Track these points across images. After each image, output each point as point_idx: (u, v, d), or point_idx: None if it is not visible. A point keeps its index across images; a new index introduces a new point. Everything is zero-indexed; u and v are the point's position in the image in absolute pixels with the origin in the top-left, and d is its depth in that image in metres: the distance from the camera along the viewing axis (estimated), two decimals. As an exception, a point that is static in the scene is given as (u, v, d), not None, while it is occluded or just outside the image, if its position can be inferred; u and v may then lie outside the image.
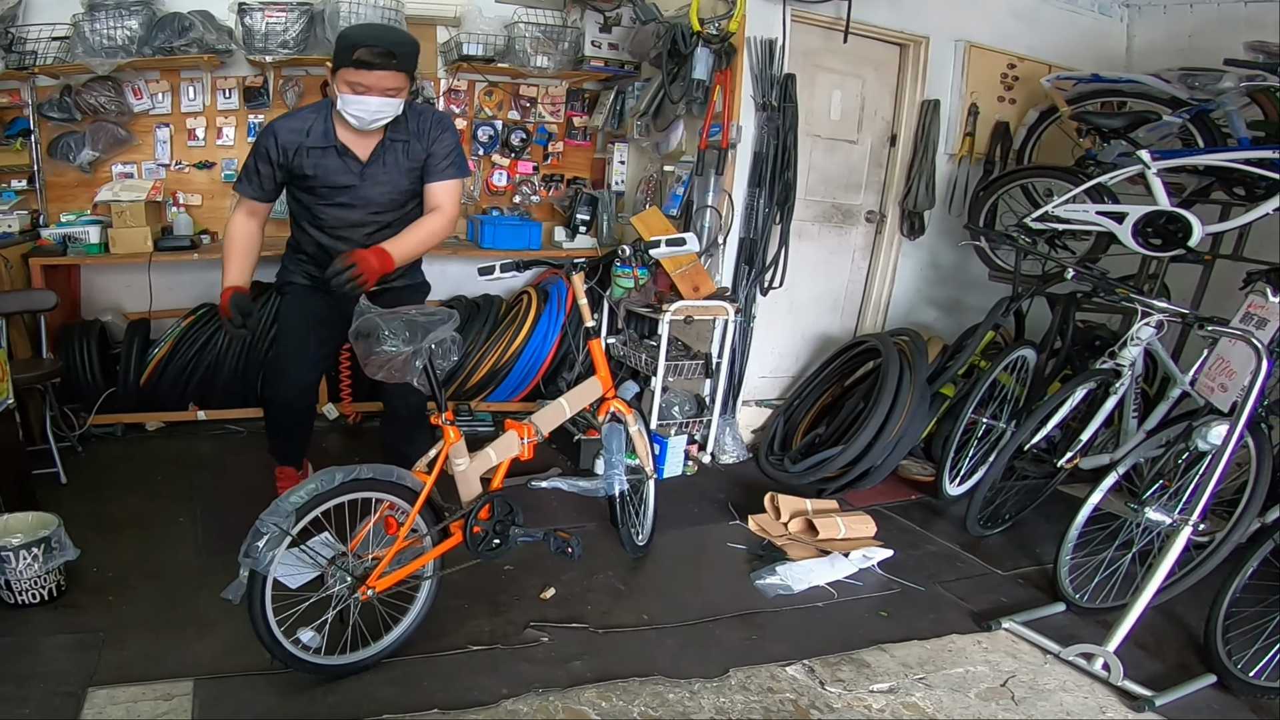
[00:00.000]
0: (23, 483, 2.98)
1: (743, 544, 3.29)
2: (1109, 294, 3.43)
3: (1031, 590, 3.07)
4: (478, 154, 4.84)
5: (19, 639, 2.36)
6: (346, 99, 2.55)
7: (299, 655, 2.17)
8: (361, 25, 2.93)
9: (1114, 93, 3.86)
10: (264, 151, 2.67)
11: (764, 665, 2.47)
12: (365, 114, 2.58)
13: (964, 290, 4.71)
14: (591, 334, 2.86)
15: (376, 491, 2.25)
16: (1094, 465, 3.42)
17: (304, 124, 2.67)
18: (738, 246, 4.09)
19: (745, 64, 3.85)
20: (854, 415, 3.80)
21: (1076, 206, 3.64)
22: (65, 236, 3.83)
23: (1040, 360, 3.83)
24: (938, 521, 3.67)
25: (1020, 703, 2.36)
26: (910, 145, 4.37)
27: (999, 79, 4.44)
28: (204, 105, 4.30)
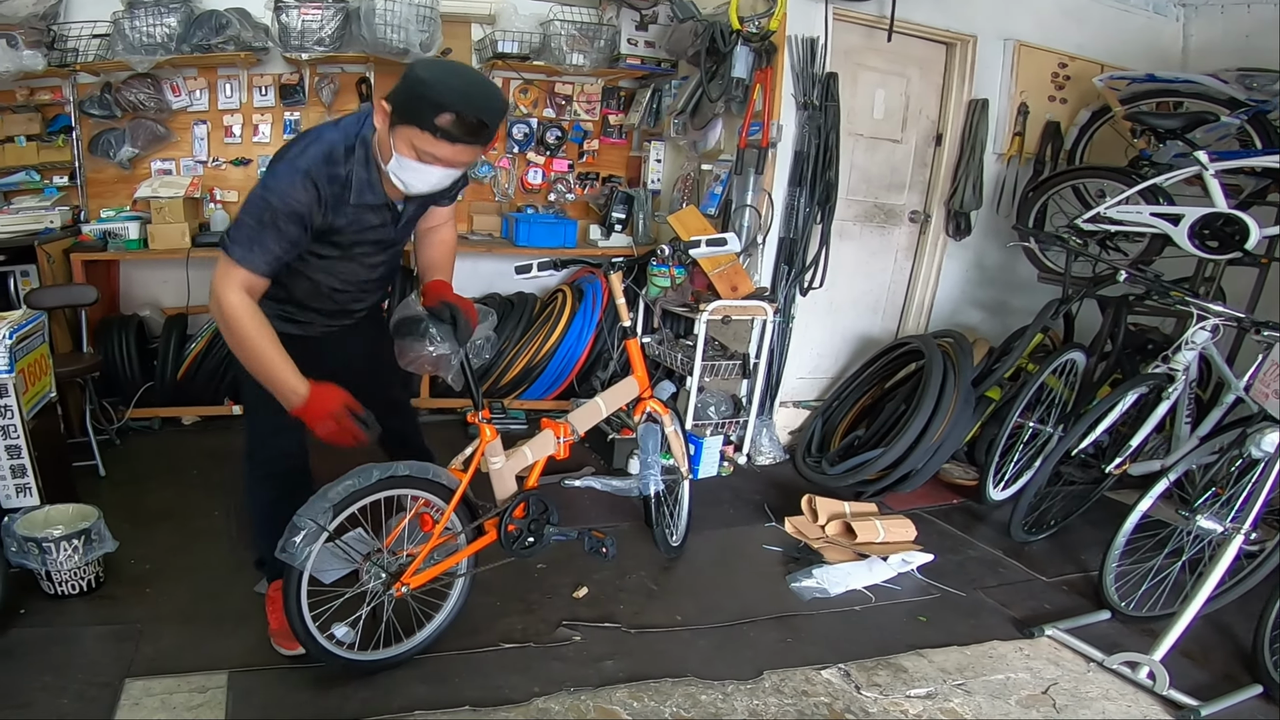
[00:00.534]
0: (63, 475, 3.08)
1: (778, 546, 3.30)
2: (1163, 297, 3.39)
3: (1075, 597, 3.04)
4: (512, 151, 4.91)
5: (58, 629, 2.44)
6: (405, 164, 1.98)
7: (333, 650, 2.22)
8: (448, 73, 1.95)
9: (1170, 93, 3.82)
10: (296, 210, 1.98)
11: (799, 668, 2.48)
12: (421, 185, 2.05)
13: (1011, 292, 4.66)
14: (629, 333, 2.88)
15: (413, 489, 2.29)
16: (1144, 471, 3.38)
17: (339, 170, 2.03)
18: (777, 246, 4.09)
19: (786, 62, 3.86)
20: (895, 417, 3.79)
21: (1130, 208, 3.60)
22: (105, 232, 3.98)
23: (1090, 364, 3.80)
24: (980, 526, 3.65)
25: (1062, 710, 2.35)
26: (957, 145, 4.35)
27: (1049, 78, 4.42)
28: (240, 102, 4.41)
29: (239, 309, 1.96)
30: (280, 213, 1.94)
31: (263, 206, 1.95)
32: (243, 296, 1.97)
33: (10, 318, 2.75)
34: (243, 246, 1.95)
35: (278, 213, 1.94)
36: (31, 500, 2.71)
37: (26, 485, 2.71)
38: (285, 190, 1.95)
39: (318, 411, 2.02)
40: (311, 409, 2.02)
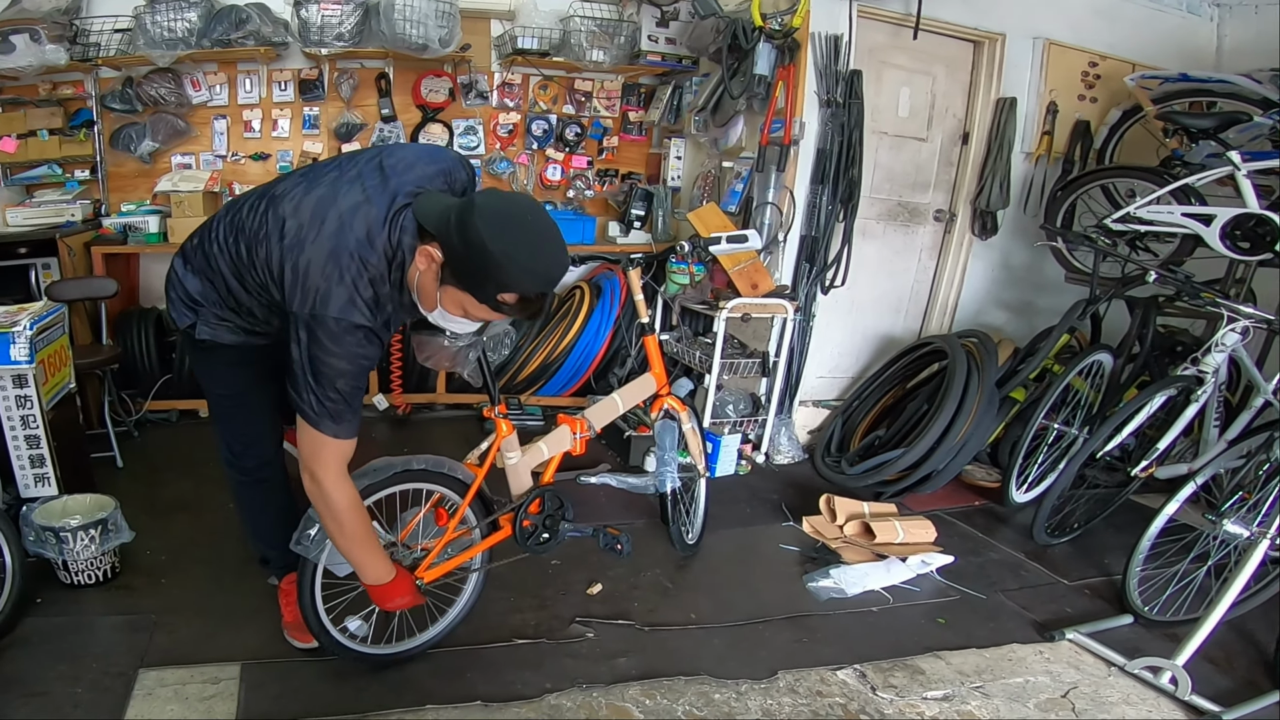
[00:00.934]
0: (82, 466, 3.14)
1: (795, 545, 3.30)
2: (1193, 298, 3.36)
3: (1098, 601, 3.01)
4: (531, 148, 4.94)
5: (74, 619, 2.48)
6: (448, 317, 1.95)
7: (346, 643, 2.25)
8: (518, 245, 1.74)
9: (1203, 93, 3.79)
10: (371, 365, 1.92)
11: (813, 668, 2.48)
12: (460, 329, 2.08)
13: (1037, 292, 4.64)
14: (647, 330, 2.89)
15: (428, 483, 2.31)
16: (1170, 475, 3.34)
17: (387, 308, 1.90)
18: (798, 244, 4.09)
19: (809, 60, 3.86)
20: (917, 418, 3.79)
21: (1161, 208, 3.58)
22: (126, 225, 4.06)
23: (1117, 365, 3.77)
24: (1002, 529, 3.63)
25: (1081, 715, 2.33)
26: (984, 144, 4.33)
27: (1079, 77, 4.40)
28: (260, 97, 4.47)
29: (350, 502, 1.96)
30: (354, 375, 1.86)
31: (340, 373, 1.83)
32: (349, 485, 1.96)
33: (31, 309, 2.80)
34: (336, 420, 1.86)
35: (352, 376, 1.86)
36: (50, 490, 2.76)
37: (45, 475, 2.76)
38: (357, 354, 1.84)
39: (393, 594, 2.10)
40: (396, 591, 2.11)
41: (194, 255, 2.09)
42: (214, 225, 2.06)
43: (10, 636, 2.33)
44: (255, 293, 1.99)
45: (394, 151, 2.00)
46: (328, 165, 2.00)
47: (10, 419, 2.68)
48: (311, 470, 1.90)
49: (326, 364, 1.81)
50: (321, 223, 1.82)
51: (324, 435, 1.86)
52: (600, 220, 4.90)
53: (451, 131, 4.71)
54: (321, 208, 1.84)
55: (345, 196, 1.86)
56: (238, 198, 2.10)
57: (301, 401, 1.85)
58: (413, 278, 1.90)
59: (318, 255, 1.79)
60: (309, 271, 1.79)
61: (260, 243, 1.89)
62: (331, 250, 1.79)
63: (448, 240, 1.80)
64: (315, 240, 1.80)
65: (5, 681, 2.12)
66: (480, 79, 4.68)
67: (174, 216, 4.01)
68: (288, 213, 1.87)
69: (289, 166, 4.50)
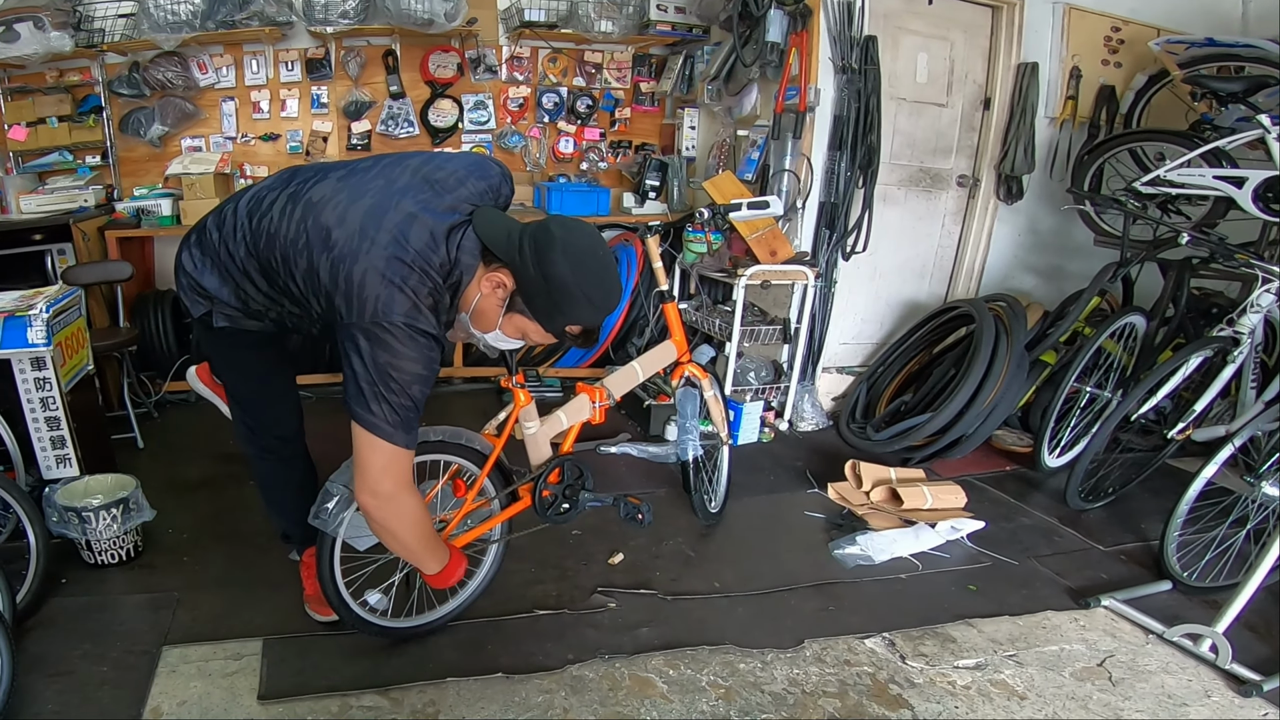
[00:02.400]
0: (102, 446, 3.19)
1: (821, 513, 3.28)
2: (1227, 260, 3.35)
3: (1134, 567, 2.98)
4: (542, 121, 4.93)
5: (98, 598, 2.52)
6: (502, 339, 1.98)
7: (366, 617, 2.27)
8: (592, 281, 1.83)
9: (1230, 57, 3.78)
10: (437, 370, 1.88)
11: (841, 637, 2.46)
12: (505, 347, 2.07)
13: (1066, 256, 4.60)
14: (666, 297, 2.88)
15: (445, 454, 2.31)
16: (1207, 437, 3.31)
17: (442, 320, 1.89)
18: (817, 211, 4.07)
19: (822, 25, 3.83)
20: (944, 382, 3.76)
21: (1192, 171, 3.59)
22: (138, 209, 4.10)
23: (1150, 328, 3.74)
24: (1034, 494, 3.59)
25: (1118, 684, 2.30)
26: (1006, 109, 4.30)
27: (1102, 42, 4.37)
28: (267, 78, 4.48)
29: (423, 510, 1.97)
30: (428, 380, 1.81)
31: (416, 378, 1.78)
32: (418, 498, 1.95)
33: (47, 293, 2.85)
34: (406, 429, 1.80)
35: (427, 381, 1.81)
36: (71, 471, 2.81)
37: (66, 456, 2.80)
38: (430, 358, 1.80)
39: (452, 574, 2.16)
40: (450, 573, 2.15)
41: (209, 253, 2.02)
42: (232, 223, 1.98)
43: (36, 617, 2.37)
44: (287, 299, 1.96)
45: (441, 164, 1.95)
46: (369, 171, 1.92)
47: (30, 401, 2.72)
48: (379, 489, 1.84)
49: (400, 369, 1.75)
50: (376, 232, 1.76)
51: (396, 448, 1.80)
52: (615, 192, 4.88)
53: (461, 107, 4.70)
54: (373, 218, 1.78)
55: (398, 208, 1.80)
56: (251, 190, 2.03)
57: (372, 416, 1.76)
58: (470, 298, 1.89)
59: (375, 264, 1.73)
60: (365, 281, 1.73)
61: (300, 252, 1.83)
62: (389, 259, 1.74)
63: (522, 270, 1.81)
64: (370, 250, 1.74)
65: (32, 661, 2.15)
66: (488, 53, 4.66)
67: (186, 199, 4.05)
68: (332, 222, 1.80)
69: (299, 147, 4.52)
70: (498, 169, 2.06)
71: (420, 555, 2.05)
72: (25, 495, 2.49)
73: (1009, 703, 2.20)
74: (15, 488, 2.50)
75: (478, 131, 4.79)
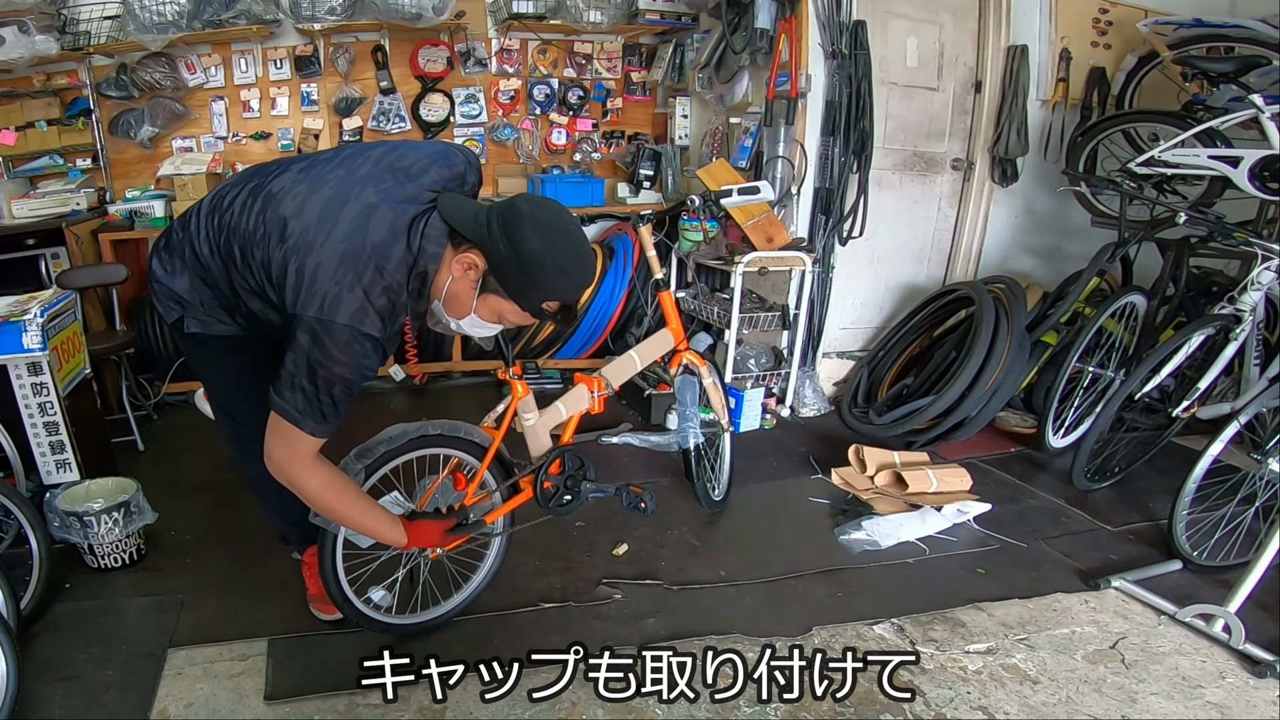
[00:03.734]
0: (102, 450, 3.19)
1: (825, 498, 3.28)
2: (1226, 238, 3.36)
3: (1144, 547, 2.96)
4: (534, 113, 4.92)
5: (103, 602, 2.52)
6: (478, 323, 1.94)
7: (370, 614, 2.26)
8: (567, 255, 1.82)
9: (1219, 37, 3.79)
10: (367, 375, 1.84)
11: (849, 623, 2.46)
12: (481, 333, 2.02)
13: (1064, 237, 4.60)
14: (662, 285, 2.87)
15: (445, 448, 2.30)
16: (1213, 415, 3.31)
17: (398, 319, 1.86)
18: (813, 196, 4.07)
19: (811, 11, 3.82)
20: (946, 365, 3.77)
21: (1186, 151, 3.60)
22: (131, 211, 4.09)
23: (1151, 307, 3.75)
24: (1040, 475, 3.59)
25: (1131, 666, 2.29)
26: (998, 92, 4.30)
27: (1090, 24, 4.38)
28: (256, 77, 4.48)
29: (322, 483, 1.89)
30: (354, 383, 1.79)
31: (340, 380, 1.76)
32: (320, 472, 1.89)
33: (41, 297, 2.84)
34: (316, 419, 1.78)
35: (352, 384, 1.79)
36: (71, 475, 2.80)
37: (66, 461, 2.79)
38: (361, 364, 1.77)
39: (422, 541, 2.18)
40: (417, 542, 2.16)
41: (177, 254, 2.00)
42: (195, 222, 1.96)
43: (41, 622, 2.37)
44: (251, 294, 1.92)
45: (404, 152, 1.92)
46: (330, 162, 1.90)
47: (28, 406, 2.71)
48: (276, 461, 1.85)
49: (327, 369, 1.74)
50: (333, 224, 1.73)
51: (302, 433, 1.79)
52: (609, 182, 4.87)
53: (452, 100, 4.69)
54: (331, 209, 1.76)
55: (357, 199, 1.77)
56: (216, 190, 2.00)
57: (284, 401, 1.77)
58: (441, 283, 1.86)
59: (328, 258, 1.71)
60: (317, 275, 1.70)
61: (257, 245, 1.81)
62: (344, 253, 1.71)
63: (493, 248, 1.78)
64: (325, 243, 1.72)
65: (38, 666, 2.14)
66: (478, 46, 4.66)
67: (179, 200, 4.04)
68: (289, 213, 1.77)
69: (291, 145, 4.51)
70: (462, 156, 2.03)
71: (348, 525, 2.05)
72: (26, 501, 2.48)
73: (1021, 687, 2.19)
74: (16, 494, 2.48)
75: (469, 125, 4.78)
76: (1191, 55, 3.76)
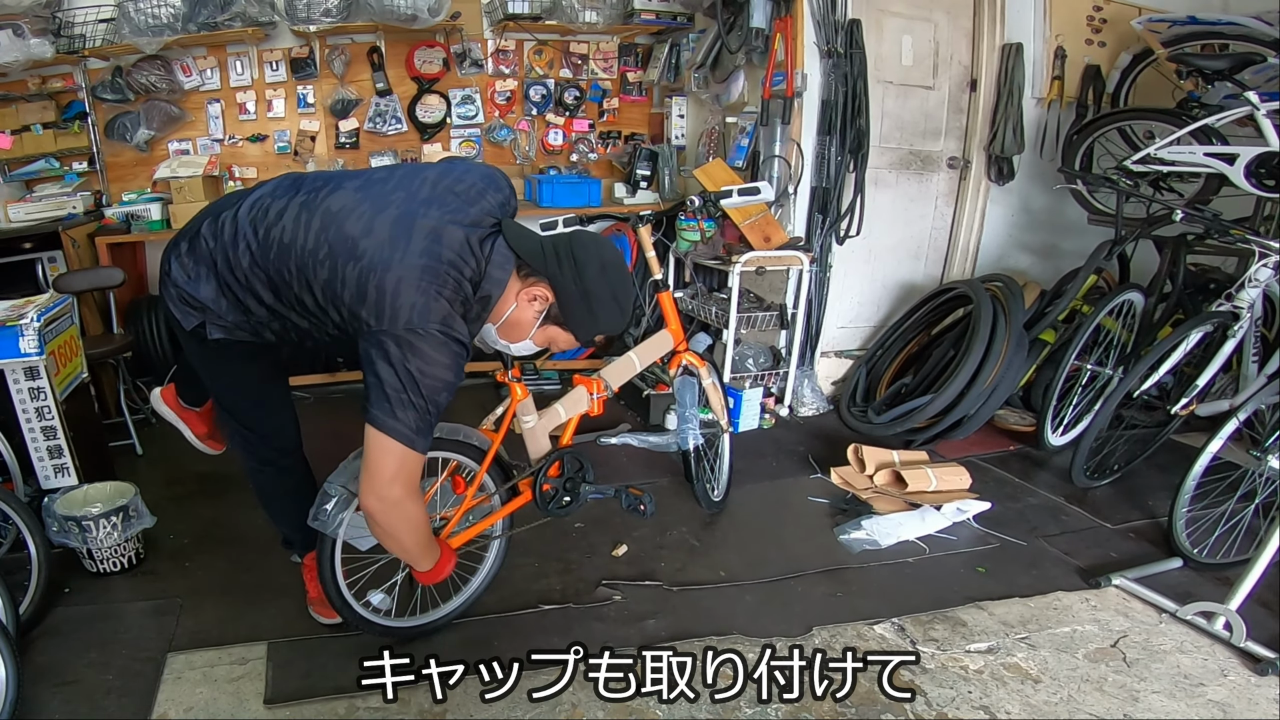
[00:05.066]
0: (100, 454, 3.17)
1: (825, 498, 3.28)
2: (1222, 235, 3.36)
3: (1144, 545, 2.96)
4: (530, 114, 4.93)
5: (102, 606, 2.52)
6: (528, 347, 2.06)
7: (369, 617, 2.26)
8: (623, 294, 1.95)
9: (1213, 35, 3.80)
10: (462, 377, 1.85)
11: (850, 623, 2.45)
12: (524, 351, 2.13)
13: (1060, 235, 4.60)
14: (661, 286, 2.87)
15: (444, 450, 2.29)
16: (1212, 412, 3.31)
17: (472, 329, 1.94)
18: (810, 196, 4.07)
19: (806, 10, 3.83)
20: (944, 363, 3.77)
21: (1182, 148, 3.59)
22: (128, 215, 4.09)
23: (1149, 304, 3.75)
24: (1039, 473, 3.59)
25: (1133, 664, 2.29)
26: (993, 90, 4.31)
27: (1085, 21, 4.38)
28: (252, 79, 4.47)
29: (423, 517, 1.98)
30: (453, 388, 1.82)
31: (446, 385, 1.79)
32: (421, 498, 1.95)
33: (37, 301, 2.82)
34: (425, 436, 1.80)
35: (452, 389, 1.81)
36: (70, 480, 2.78)
37: (64, 465, 2.78)
38: (458, 366, 1.80)
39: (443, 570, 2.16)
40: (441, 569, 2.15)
41: (204, 261, 1.94)
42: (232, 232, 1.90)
43: (40, 626, 2.37)
44: (303, 313, 1.91)
45: (460, 176, 1.94)
46: (388, 182, 1.90)
47: (25, 411, 2.69)
48: (388, 494, 1.82)
49: (431, 375, 1.75)
50: (408, 242, 1.76)
51: (413, 453, 1.80)
52: (606, 182, 4.87)
53: (449, 101, 4.70)
54: (402, 227, 1.78)
55: (425, 218, 1.80)
56: (251, 197, 1.95)
57: (395, 421, 1.75)
58: (503, 310, 1.93)
59: (410, 272, 1.73)
60: (400, 290, 1.72)
61: (320, 264, 1.80)
62: (426, 267, 1.74)
63: (563, 284, 1.89)
64: (404, 259, 1.74)
65: (37, 671, 2.14)
66: (474, 47, 4.66)
67: (175, 203, 4.03)
68: (358, 232, 1.78)
69: (287, 147, 4.51)
70: (507, 182, 2.06)
71: (417, 556, 2.06)
72: (24, 506, 2.48)
73: (1023, 686, 2.19)
74: (14, 499, 2.48)
75: (466, 126, 4.78)
76: (1186, 52, 3.76)
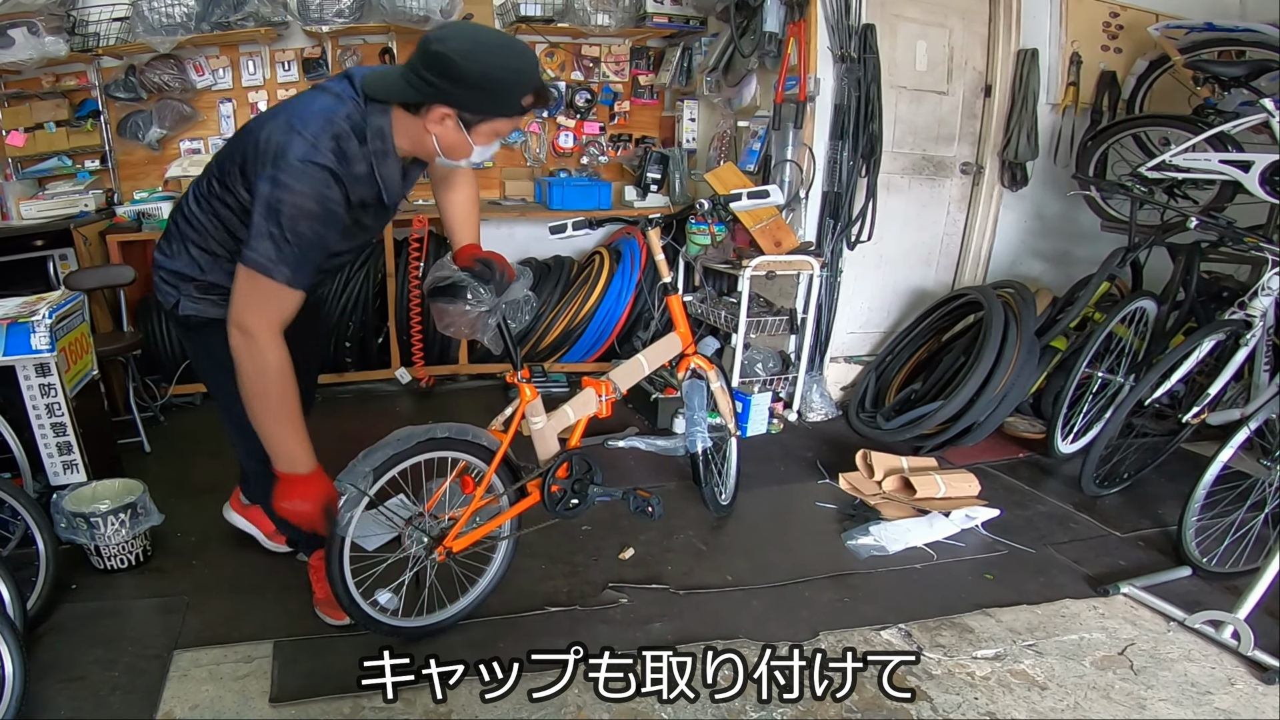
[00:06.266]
0: (109, 451, 3.19)
1: (833, 503, 3.28)
2: (1236, 243, 3.36)
3: (1153, 553, 2.96)
4: (542, 116, 4.93)
5: (108, 603, 2.52)
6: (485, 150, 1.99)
7: (377, 617, 2.25)
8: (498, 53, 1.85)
9: (1230, 41, 3.79)
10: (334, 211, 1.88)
11: (857, 629, 2.45)
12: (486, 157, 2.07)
13: (1073, 242, 4.60)
14: (670, 289, 2.87)
15: (453, 451, 2.29)
16: (1223, 420, 3.28)
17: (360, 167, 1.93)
18: (821, 200, 4.08)
19: (819, 15, 3.84)
20: (954, 370, 3.77)
21: (1197, 155, 3.59)
22: (139, 213, 4.10)
23: (1161, 312, 3.74)
24: (1048, 481, 3.58)
25: (1140, 672, 2.28)
26: (1008, 96, 4.31)
27: (1101, 28, 4.39)
28: (264, 79, 4.49)
29: (284, 364, 1.86)
30: (319, 218, 1.83)
31: (306, 213, 1.81)
32: (285, 346, 1.86)
33: (49, 298, 2.85)
34: (294, 268, 1.82)
35: (316, 218, 1.82)
36: (78, 477, 2.81)
37: (73, 462, 2.80)
38: (324, 194, 1.83)
39: (296, 493, 1.95)
40: (303, 489, 1.95)
41: (174, 238, 2.13)
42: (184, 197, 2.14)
43: (47, 623, 2.37)
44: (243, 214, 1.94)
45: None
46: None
47: (35, 407, 2.72)
48: (246, 324, 1.82)
49: (290, 204, 1.79)
50: (281, 109, 1.93)
51: (275, 283, 1.81)
52: (616, 185, 4.89)
53: (461, 103, 4.70)
54: (281, 107, 1.96)
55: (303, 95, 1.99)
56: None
57: (255, 251, 1.80)
58: (430, 146, 1.95)
59: (278, 127, 1.84)
60: (270, 136, 1.83)
61: (228, 158, 1.97)
62: (291, 117, 1.85)
63: (445, 94, 1.85)
64: (274, 119, 1.87)
65: (43, 668, 2.15)
66: (486, 49, 4.66)
67: (186, 202, 4.05)
68: (249, 128, 1.95)
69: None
70: None
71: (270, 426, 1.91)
72: (33, 502, 2.49)
73: (1029, 694, 2.18)
74: (23, 494, 2.49)
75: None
76: (1202, 59, 3.76)
